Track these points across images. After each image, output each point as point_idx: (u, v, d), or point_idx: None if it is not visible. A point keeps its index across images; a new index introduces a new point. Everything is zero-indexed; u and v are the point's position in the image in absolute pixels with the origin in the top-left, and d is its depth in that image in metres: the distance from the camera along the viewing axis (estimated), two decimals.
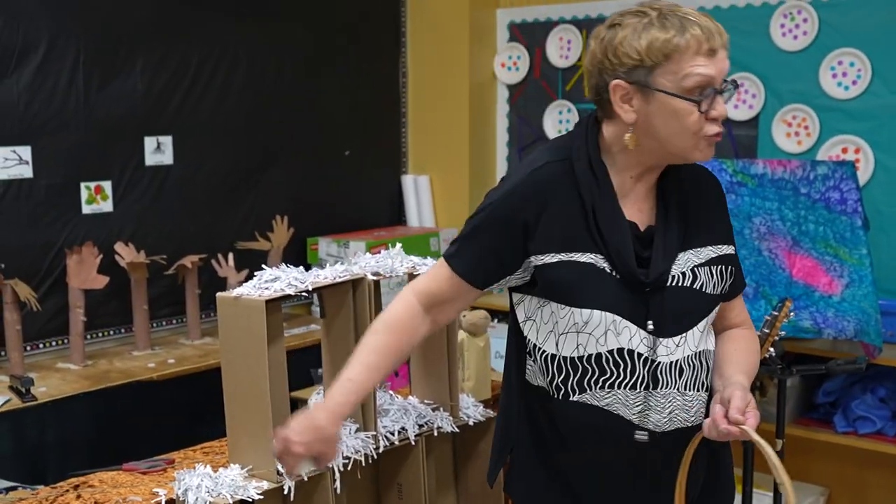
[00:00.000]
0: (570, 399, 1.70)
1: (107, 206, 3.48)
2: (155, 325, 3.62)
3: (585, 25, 4.05)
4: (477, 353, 2.90)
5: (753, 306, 2.92)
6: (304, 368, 3.48)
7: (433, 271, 1.80)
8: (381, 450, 2.28)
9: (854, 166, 3.16)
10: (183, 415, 3.39)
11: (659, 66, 1.59)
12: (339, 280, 2.20)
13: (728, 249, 1.77)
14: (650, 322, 1.66)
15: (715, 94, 1.60)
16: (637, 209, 1.71)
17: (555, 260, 1.67)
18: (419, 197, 4.36)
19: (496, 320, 4.00)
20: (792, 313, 2.64)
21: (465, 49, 4.22)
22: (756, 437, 1.57)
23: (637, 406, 1.69)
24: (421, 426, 2.42)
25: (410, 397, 2.53)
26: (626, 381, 1.68)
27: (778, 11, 3.60)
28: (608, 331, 1.65)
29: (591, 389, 1.69)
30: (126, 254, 3.43)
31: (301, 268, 2.18)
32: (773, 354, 2.70)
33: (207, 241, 3.72)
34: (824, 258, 3.03)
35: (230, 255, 3.68)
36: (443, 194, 4.39)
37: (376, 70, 4.32)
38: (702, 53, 1.59)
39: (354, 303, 2.23)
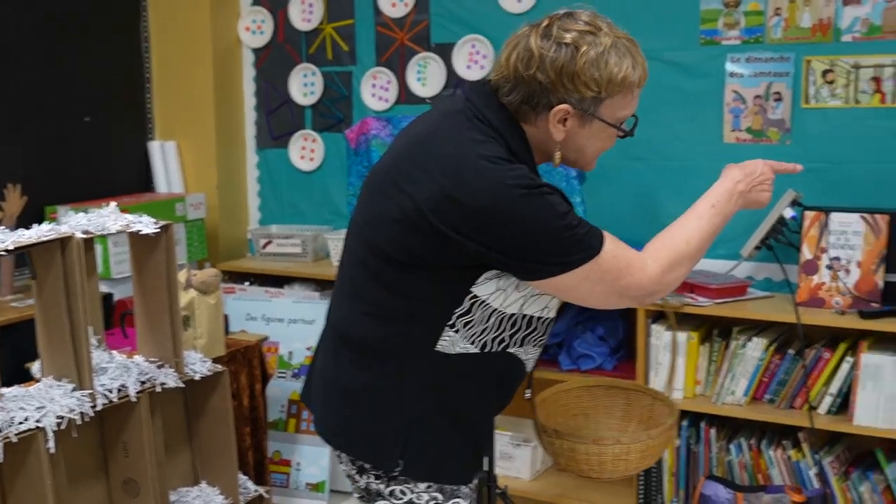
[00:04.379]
0: (506, 351, 1.79)
1: None
2: None
3: None
4: (208, 310, 2.93)
5: None
6: None
7: (614, 247, 1.72)
8: (98, 408, 2.28)
9: None
10: None
11: (609, 99, 1.70)
12: (44, 239, 2.18)
13: None
14: None
15: (635, 121, 1.78)
16: None
17: None
18: (167, 163, 4.31)
19: (247, 283, 4.04)
20: None
21: (206, 13, 4.19)
22: None
23: (531, 362, 1.90)
24: (143, 383, 2.43)
25: (136, 356, 2.54)
26: (542, 340, 1.87)
27: None
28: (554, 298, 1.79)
29: (524, 345, 1.83)
30: None
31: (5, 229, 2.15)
32: None
33: None
34: None
35: None
36: (191, 159, 4.36)
37: (117, 35, 4.22)
38: (639, 88, 1.75)
39: (64, 262, 2.22)
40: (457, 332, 1.73)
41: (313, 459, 3.78)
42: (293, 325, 3.91)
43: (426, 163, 1.67)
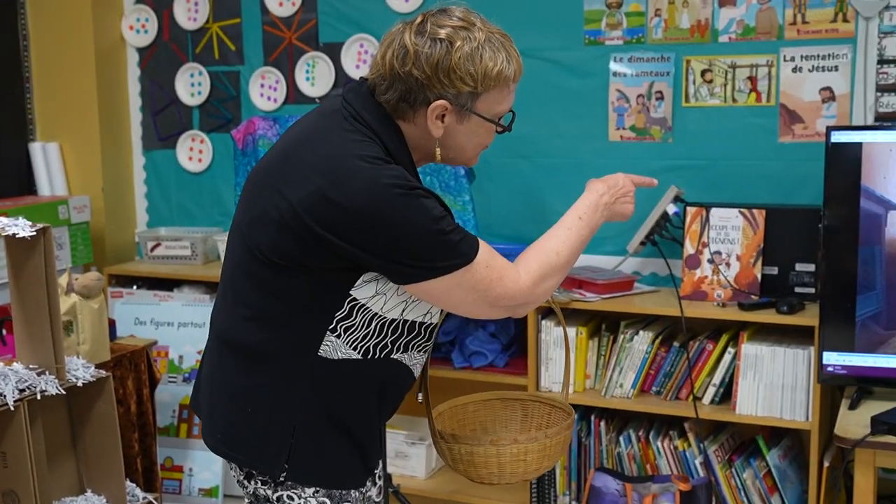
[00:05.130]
0: (390, 357, 1.78)
1: None
2: None
3: None
4: (91, 315, 2.86)
5: None
6: None
7: (488, 256, 1.73)
8: None
9: None
10: None
11: (485, 93, 1.71)
12: None
13: None
14: None
15: (513, 116, 1.81)
16: None
17: None
18: (49, 165, 4.19)
19: (135, 286, 3.96)
20: None
21: (88, 11, 4.08)
22: None
23: (417, 367, 1.90)
24: (22, 391, 2.36)
25: (16, 364, 2.47)
26: (427, 346, 1.87)
27: None
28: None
29: (408, 351, 1.81)
30: None
31: None
32: None
33: None
34: None
35: None
36: (75, 161, 4.24)
37: None
38: (515, 82, 1.77)
39: None
40: (338, 337, 1.72)
41: (206, 465, 3.72)
42: (183, 328, 3.84)
43: (302, 164, 1.67)
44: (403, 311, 1.76)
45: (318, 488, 1.77)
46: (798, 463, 3.21)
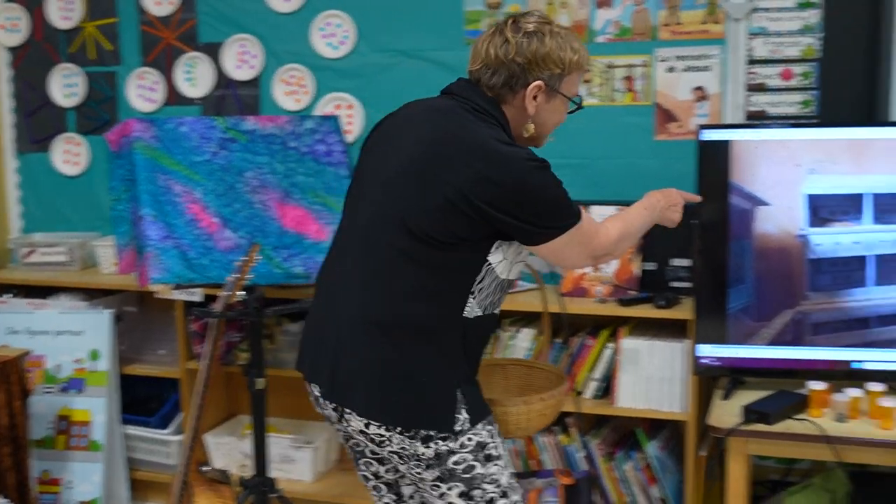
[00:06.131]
0: (494, 311, 2.09)
1: None
2: None
3: None
4: None
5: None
6: None
7: (587, 214, 2.09)
8: None
9: (338, 120, 3.38)
10: None
11: (568, 76, 2.07)
12: None
13: None
14: None
15: (581, 98, 2.15)
16: None
17: None
18: None
19: (10, 294, 3.82)
20: (259, 257, 2.81)
21: None
22: None
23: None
24: None
25: None
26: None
27: None
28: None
29: (499, 306, 2.12)
30: None
31: None
32: (247, 298, 2.89)
33: None
34: (313, 207, 3.21)
35: None
36: None
37: None
38: (586, 70, 2.17)
39: None
40: (475, 298, 2.01)
41: (85, 476, 3.61)
42: (60, 337, 3.73)
43: (457, 154, 1.94)
44: (509, 271, 2.07)
45: (480, 422, 2.04)
46: (676, 453, 3.29)
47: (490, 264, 2.01)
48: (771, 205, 2.78)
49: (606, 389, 3.22)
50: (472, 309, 2.01)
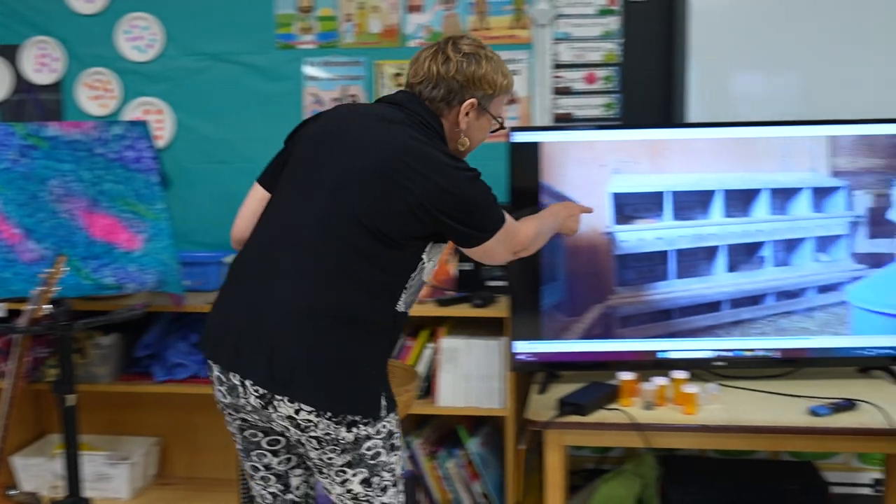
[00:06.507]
0: (408, 310, 2.20)
1: None
2: None
3: None
4: None
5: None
6: None
7: (508, 215, 2.24)
8: None
9: (147, 126, 3.28)
10: None
11: (496, 97, 2.26)
12: None
13: None
14: None
15: (503, 120, 2.33)
16: None
17: None
18: None
19: None
20: (66, 269, 2.71)
21: None
22: None
23: None
24: None
25: None
26: None
27: None
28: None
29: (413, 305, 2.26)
30: None
31: None
32: (54, 311, 2.77)
33: None
34: (123, 215, 3.11)
35: None
36: None
37: None
38: (510, 93, 2.35)
39: None
40: (404, 294, 2.15)
41: None
42: None
43: (418, 166, 2.08)
44: (427, 271, 2.21)
45: (392, 412, 2.16)
46: (497, 448, 3.37)
47: (423, 262, 2.17)
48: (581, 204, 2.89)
49: (428, 389, 3.26)
50: (401, 305, 2.15)
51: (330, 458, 2.10)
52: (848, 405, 2.68)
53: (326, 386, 2.04)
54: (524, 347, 2.95)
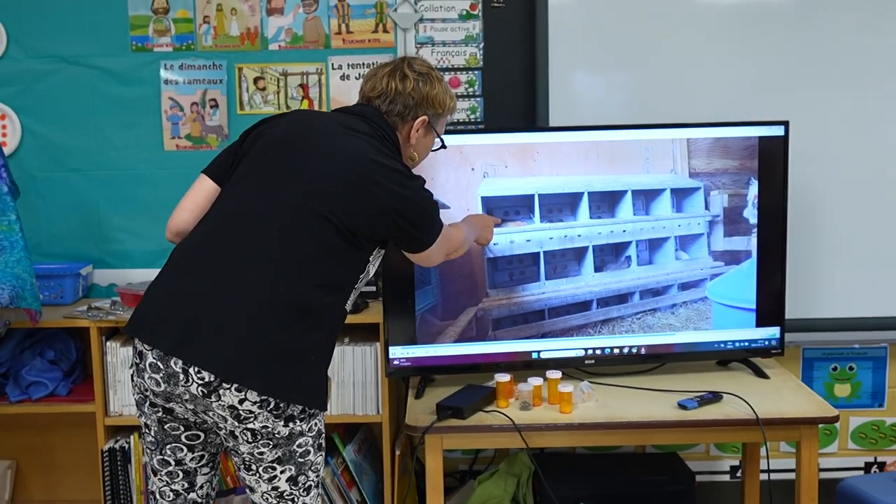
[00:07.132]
0: (349, 307, 2.30)
1: None
2: None
3: None
4: None
5: None
6: None
7: (447, 228, 2.44)
8: None
9: None
10: None
11: (441, 117, 2.45)
12: None
13: None
14: None
15: (443, 140, 2.53)
16: None
17: None
18: None
19: None
20: None
21: None
22: None
23: None
24: None
25: None
26: None
27: None
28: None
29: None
30: None
31: None
32: None
33: None
34: None
35: None
36: None
37: None
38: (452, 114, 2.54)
39: None
40: (353, 293, 2.28)
41: None
42: None
43: (387, 176, 2.24)
44: (370, 274, 2.34)
45: (323, 411, 2.24)
46: (372, 455, 3.35)
47: (370, 263, 2.32)
48: (450, 207, 2.90)
49: None
50: (349, 304, 2.28)
51: (261, 453, 2.14)
52: (713, 398, 2.80)
53: (279, 375, 2.09)
54: (399, 353, 2.95)
